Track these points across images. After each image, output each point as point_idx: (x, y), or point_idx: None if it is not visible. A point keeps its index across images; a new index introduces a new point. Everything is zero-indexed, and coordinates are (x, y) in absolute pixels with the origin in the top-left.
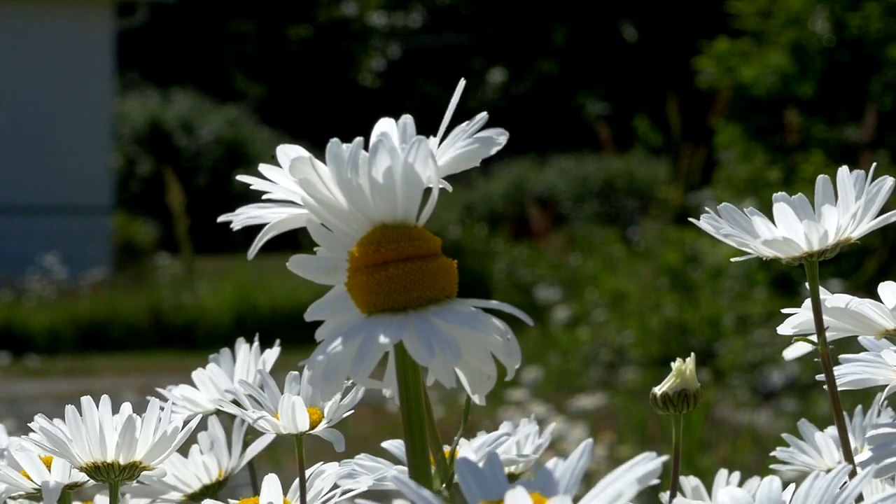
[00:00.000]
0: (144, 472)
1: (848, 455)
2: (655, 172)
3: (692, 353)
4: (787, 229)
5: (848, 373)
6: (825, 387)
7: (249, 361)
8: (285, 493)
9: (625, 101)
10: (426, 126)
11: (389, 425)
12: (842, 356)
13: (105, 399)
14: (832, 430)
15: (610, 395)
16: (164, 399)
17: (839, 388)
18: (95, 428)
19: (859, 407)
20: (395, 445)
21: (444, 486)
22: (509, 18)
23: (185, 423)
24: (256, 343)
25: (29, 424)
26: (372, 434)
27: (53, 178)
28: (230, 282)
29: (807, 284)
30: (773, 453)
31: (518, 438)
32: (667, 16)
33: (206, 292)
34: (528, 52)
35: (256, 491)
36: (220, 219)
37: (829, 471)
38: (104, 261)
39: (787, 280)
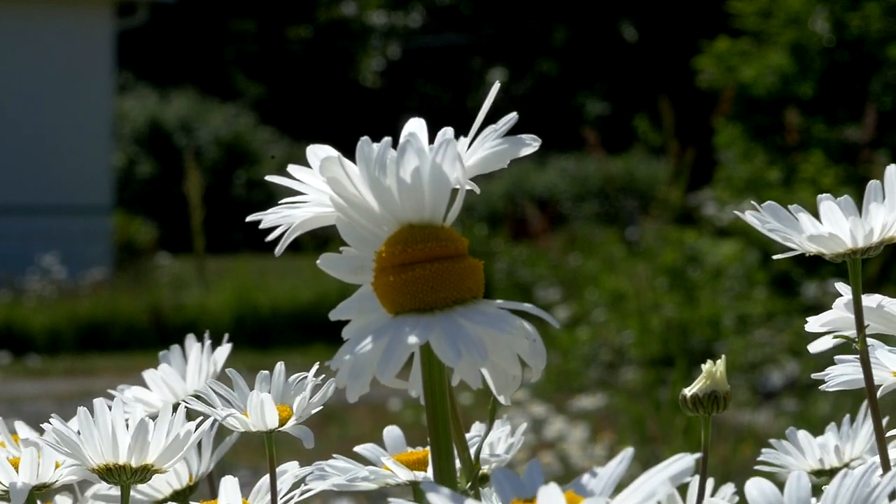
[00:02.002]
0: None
1: (883, 453)
2: (655, 172)
3: (723, 356)
4: (832, 225)
5: (841, 373)
6: (822, 387)
7: (201, 361)
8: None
9: (625, 101)
10: (427, 126)
11: (389, 425)
12: (837, 357)
13: (117, 401)
14: (821, 439)
15: (610, 395)
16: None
17: (832, 389)
18: (108, 430)
19: (847, 416)
20: (367, 449)
21: (469, 485)
22: (509, 18)
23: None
24: (208, 342)
25: (41, 425)
26: (372, 434)
27: (53, 178)
28: (231, 282)
29: (844, 286)
30: (759, 458)
31: (492, 440)
32: (667, 16)
33: (208, 292)
34: (528, 52)
35: (213, 494)
36: (250, 218)
37: (815, 472)
38: (104, 261)
39: (786, 280)
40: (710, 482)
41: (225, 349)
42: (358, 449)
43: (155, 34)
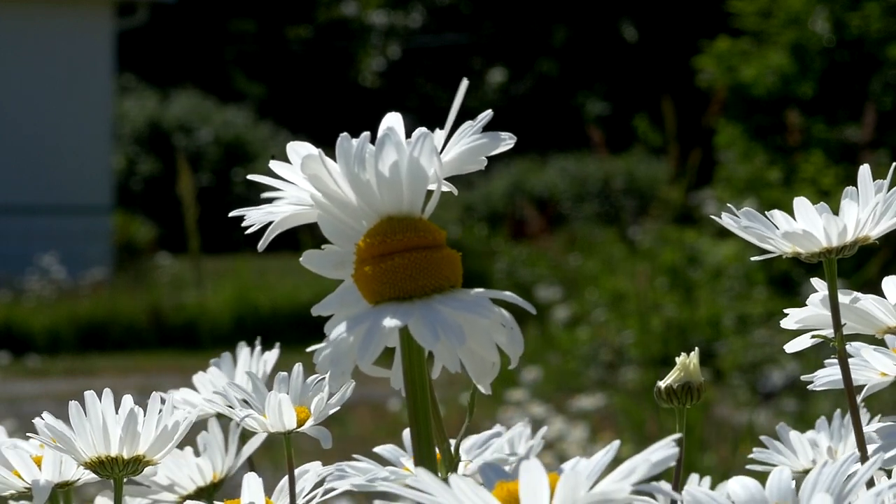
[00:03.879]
0: (148, 468)
1: (862, 447)
2: (655, 172)
3: (696, 348)
4: (806, 223)
5: (828, 374)
6: (809, 386)
7: (250, 363)
8: (270, 494)
9: (625, 101)
10: (426, 126)
11: (389, 425)
12: (827, 360)
13: (107, 392)
14: (811, 433)
15: (610, 395)
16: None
17: (819, 389)
18: (99, 422)
19: (838, 411)
20: (386, 450)
21: (448, 475)
22: (509, 18)
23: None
24: (258, 346)
25: (33, 422)
26: (372, 434)
27: (53, 178)
28: (230, 282)
29: (816, 282)
30: (750, 455)
31: (511, 437)
32: (667, 16)
33: (206, 292)
34: (528, 52)
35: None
36: (233, 213)
37: (807, 471)
38: (104, 261)
39: (786, 280)
40: (706, 480)
41: (274, 353)
42: (378, 450)
43: (155, 34)
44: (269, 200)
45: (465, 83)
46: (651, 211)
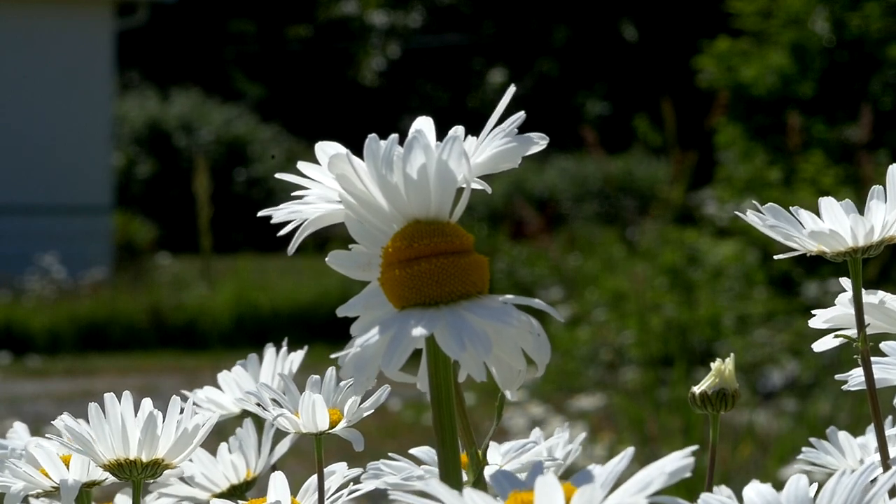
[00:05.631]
0: (167, 471)
1: (884, 452)
2: (655, 172)
3: (731, 354)
4: (833, 223)
5: (863, 374)
6: (844, 387)
7: (275, 364)
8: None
9: (625, 101)
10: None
11: (390, 426)
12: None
13: (126, 395)
14: (861, 439)
15: (609, 395)
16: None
17: (854, 389)
18: (118, 425)
19: (889, 417)
20: (423, 451)
21: (475, 479)
22: (509, 18)
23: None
24: (285, 347)
25: (53, 423)
26: (373, 433)
27: (53, 178)
28: (230, 281)
29: (847, 282)
30: (800, 456)
31: (549, 445)
32: (667, 16)
33: (206, 292)
34: (528, 52)
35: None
36: (261, 213)
37: None
38: (104, 261)
39: (786, 280)
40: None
41: (300, 353)
42: (414, 451)
43: (155, 34)
44: (301, 192)
45: (511, 89)
46: (651, 211)
